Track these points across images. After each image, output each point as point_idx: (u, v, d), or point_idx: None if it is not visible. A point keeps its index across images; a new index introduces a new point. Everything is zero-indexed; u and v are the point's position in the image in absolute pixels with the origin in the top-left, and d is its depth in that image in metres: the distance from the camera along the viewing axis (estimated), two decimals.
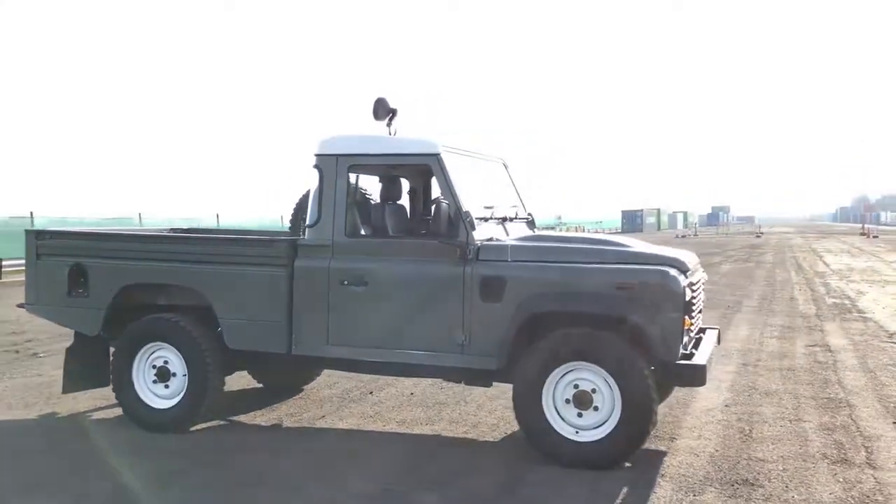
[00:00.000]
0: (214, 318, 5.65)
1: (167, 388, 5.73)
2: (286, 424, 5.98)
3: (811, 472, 4.81)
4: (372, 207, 5.98)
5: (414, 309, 5.22)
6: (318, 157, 5.53)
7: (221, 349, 5.66)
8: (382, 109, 5.81)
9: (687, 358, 4.97)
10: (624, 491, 4.51)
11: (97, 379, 6.16)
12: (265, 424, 5.99)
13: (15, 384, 7.28)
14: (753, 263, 24.35)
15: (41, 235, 6.12)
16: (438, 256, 5.18)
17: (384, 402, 6.60)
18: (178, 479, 4.76)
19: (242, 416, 6.18)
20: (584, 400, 4.88)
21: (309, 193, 5.78)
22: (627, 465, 4.89)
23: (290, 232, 6.54)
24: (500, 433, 5.72)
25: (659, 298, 4.78)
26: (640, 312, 4.80)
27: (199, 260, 5.70)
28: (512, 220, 5.89)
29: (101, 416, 6.19)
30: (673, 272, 4.87)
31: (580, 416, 4.89)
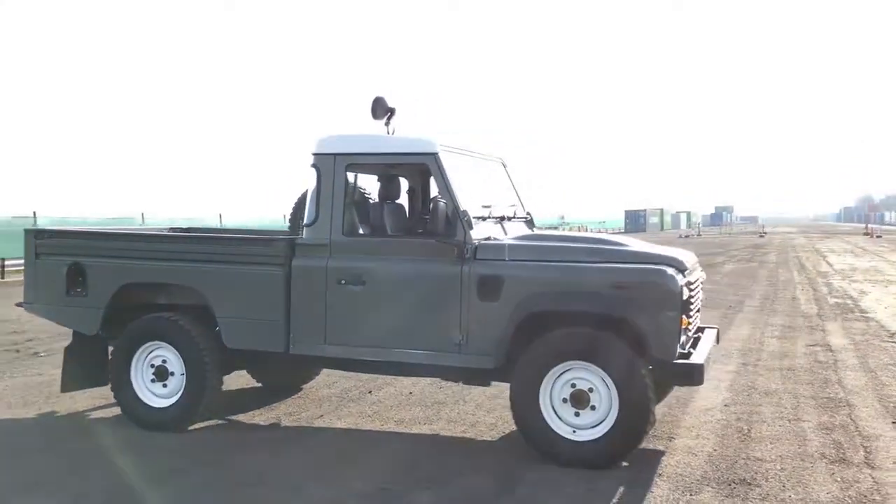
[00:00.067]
0: (212, 317, 5.65)
1: (165, 387, 5.73)
2: (284, 424, 5.98)
3: (809, 471, 4.80)
4: (370, 207, 5.98)
5: (411, 308, 5.22)
6: (315, 156, 5.53)
7: (219, 348, 5.66)
8: (381, 109, 5.80)
9: (684, 357, 4.96)
10: (621, 490, 4.51)
11: (96, 378, 6.17)
12: (264, 423, 5.99)
13: (15, 383, 7.30)
14: (756, 263, 24.31)
15: (40, 235, 6.13)
16: (436, 256, 5.17)
17: (383, 401, 6.60)
18: (176, 477, 4.77)
19: (241, 415, 6.19)
20: (581, 399, 4.87)
21: (307, 193, 5.79)
22: (625, 464, 4.88)
23: (289, 231, 6.55)
24: (498, 432, 5.72)
25: (656, 297, 4.77)
26: (637, 311, 4.79)
27: (197, 259, 5.70)
28: (510, 219, 5.89)
29: (99, 415, 6.20)
30: (670, 271, 4.86)
31: (577, 415, 4.89)
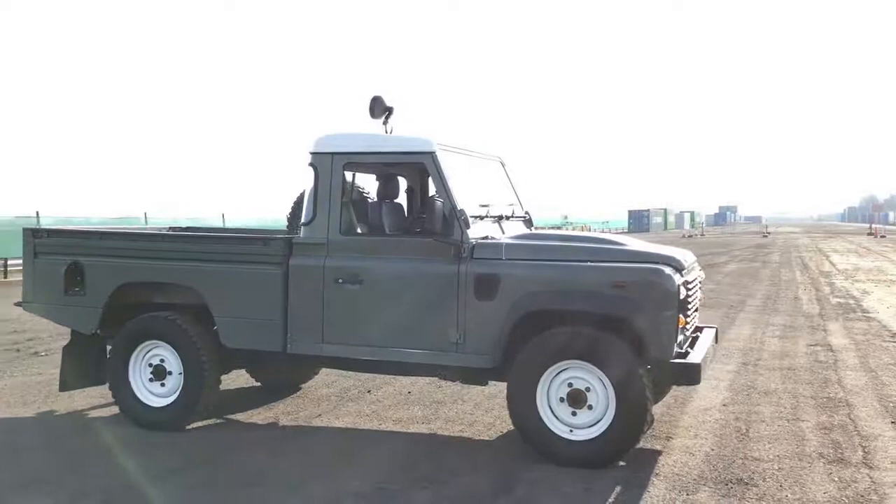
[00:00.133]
0: (210, 316, 5.65)
1: (163, 386, 5.73)
2: (283, 423, 5.98)
3: (807, 471, 4.79)
4: (368, 206, 5.97)
5: (408, 307, 5.21)
6: (313, 155, 5.52)
7: (217, 348, 5.66)
8: (379, 108, 5.79)
9: (682, 357, 4.95)
10: (617, 490, 4.50)
11: (94, 377, 6.17)
12: (262, 423, 5.99)
13: (15, 382, 7.30)
14: (759, 263, 24.27)
15: (38, 234, 6.13)
16: (433, 255, 5.16)
17: (381, 400, 6.59)
18: (174, 476, 4.77)
19: (239, 414, 6.18)
20: (578, 398, 4.86)
21: (305, 192, 5.78)
22: (622, 463, 4.87)
23: (287, 231, 6.54)
24: (496, 432, 5.71)
25: (653, 297, 4.76)
26: (634, 311, 4.78)
27: (194, 258, 5.70)
28: (508, 218, 5.88)
29: (98, 413, 6.20)
30: (668, 270, 4.85)
31: (574, 414, 4.88)
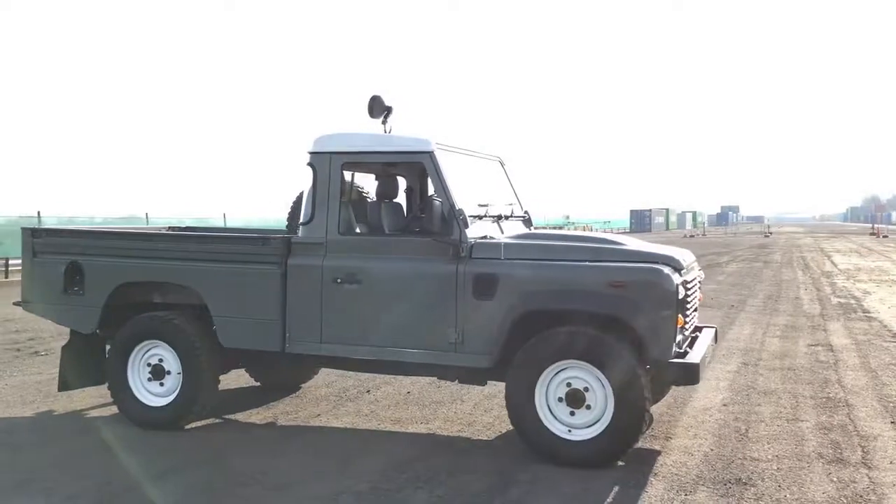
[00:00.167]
0: (209, 316, 5.65)
1: (162, 385, 5.73)
2: (281, 423, 5.97)
3: (805, 471, 4.78)
4: (367, 205, 5.97)
5: (407, 307, 5.20)
6: (311, 154, 5.52)
7: (216, 347, 5.66)
8: (378, 107, 5.78)
9: (681, 356, 4.94)
10: (615, 490, 4.49)
11: (93, 377, 6.17)
12: (260, 423, 5.99)
13: (14, 382, 7.31)
14: (761, 263, 24.24)
15: (37, 233, 6.13)
16: (431, 254, 5.15)
17: (380, 400, 6.59)
18: (172, 476, 4.77)
19: (238, 414, 6.18)
20: (576, 398, 4.85)
21: (304, 192, 5.77)
22: (620, 463, 4.86)
23: (286, 230, 6.53)
24: (494, 432, 5.70)
25: (651, 296, 4.75)
26: (632, 310, 4.77)
27: (193, 258, 5.70)
28: (507, 217, 5.87)
29: (97, 413, 6.20)
30: (666, 270, 4.84)
31: (573, 414, 4.87)
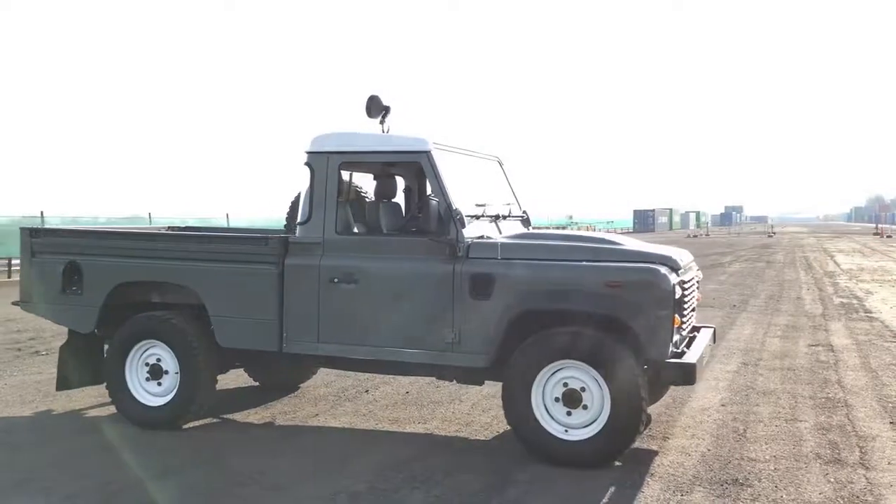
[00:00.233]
0: (207, 315, 5.65)
1: (160, 385, 5.74)
2: (279, 423, 5.97)
3: (803, 472, 4.76)
4: (365, 205, 5.97)
5: (404, 307, 5.20)
6: (309, 154, 5.52)
7: (214, 347, 5.66)
8: (375, 107, 5.78)
9: (678, 356, 4.93)
10: (612, 490, 4.48)
11: (91, 376, 6.18)
12: (258, 422, 5.99)
13: (14, 381, 7.32)
14: (763, 263, 24.20)
15: (36, 233, 6.13)
16: (428, 254, 5.15)
17: (379, 400, 6.59)
18: (170, 476, 4.77)
19: (236, 413, 6.18)
20: (573, 398, 4.84)
21: (302, 192, 5.77)
22: (617, 464, 4.85)
23: (285, 230, 6.54)
24: (492, 432, 5.70)
25: (648, 296, 4.74)
26: (630, 310, 4.76)
27: (191, 258, 5.70)
28: (505, 217, 5.86)
29: (95, 413, 6.21)
30: (663, 270, 4.83)
31: (569, 414, 4.86)
